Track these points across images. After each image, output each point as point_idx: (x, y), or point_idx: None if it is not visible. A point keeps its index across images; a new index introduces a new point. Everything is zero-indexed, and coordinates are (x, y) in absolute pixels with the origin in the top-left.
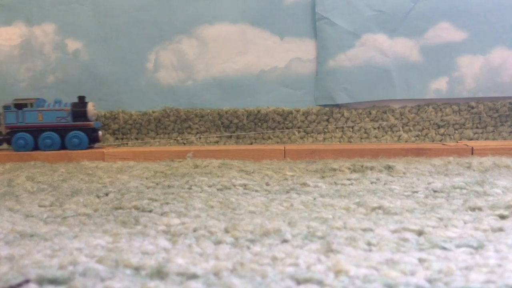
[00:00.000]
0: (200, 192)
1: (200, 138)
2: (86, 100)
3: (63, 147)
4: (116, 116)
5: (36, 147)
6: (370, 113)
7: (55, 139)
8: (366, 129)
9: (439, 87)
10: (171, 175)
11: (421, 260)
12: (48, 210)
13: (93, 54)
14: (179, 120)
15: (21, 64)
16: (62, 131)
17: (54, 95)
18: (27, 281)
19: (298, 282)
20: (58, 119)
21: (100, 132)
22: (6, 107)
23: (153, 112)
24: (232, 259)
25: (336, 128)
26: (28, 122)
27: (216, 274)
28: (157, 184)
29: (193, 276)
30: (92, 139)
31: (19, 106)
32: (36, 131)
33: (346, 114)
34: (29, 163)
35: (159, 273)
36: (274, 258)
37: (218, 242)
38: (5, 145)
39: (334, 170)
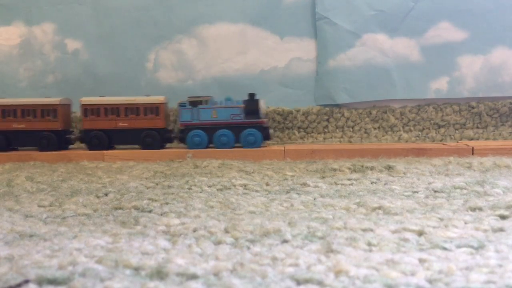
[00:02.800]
0: (200, 192)
1: None
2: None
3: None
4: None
5: (209, 145)
6: (370, 113)
7: (230, 136)
8: (366, 129)
9: (439, 87)
10: (171, 175)
11: (421, 260)
12: (47, 210)
13: (93, 54)
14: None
15: (20, 64)
16: (236, 128)
17: (54, 95)
18: (26, 281)
19: (298, 282)
20: (232, 116)
21: (271, 130)
22: (181, 104)
23: None
24: (232, 259)
25: (336, 128)
26: (203, 119)
27: (216, 274)
28: (156, 184)
29: (193, 276)
30: (265, 136)
31: (194, 103)
32: (210, 128)
33: (346, 114)
34: (28, 163)
35: (159, 273)
36: (274, 258)
37: (218, 242)
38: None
39: (334, 170)
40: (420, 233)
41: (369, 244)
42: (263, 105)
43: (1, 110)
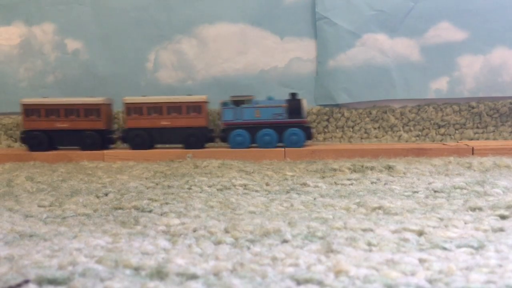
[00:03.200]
0: (200, 192)
1: None
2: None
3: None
4: (116, 116)
5: (251, 144)
6: (370, 113)
7: (273, 136)
8: (366, 129)
9: (439, 87)
10: (171, 175)
11: (421, 261)
12: (47, 210)
13: (93, 54)
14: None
15: (20, 64)
16: (278, 128)
17: (54, 95)
18: (26, 282)
19: (298, 282)
20: (275, 115)
21: (313, 130)
22: (224, 104)
23: None
24: (232, 259)
25: (336, 128)
26: (246, 118)
27: (216, 274)
28: (156, 184)
29: (193, 277)
30: (307, 136)
31: (237, 102)
32: (252, 128)
33: (346, 114)
34: (28, 163)
35: (159, 273)
36: (274, 258)
37: (218, 242)
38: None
39: (334, 170)
40: (420, 233)
41: (369, 244)
42: (305, 105)
43: (44, 109)
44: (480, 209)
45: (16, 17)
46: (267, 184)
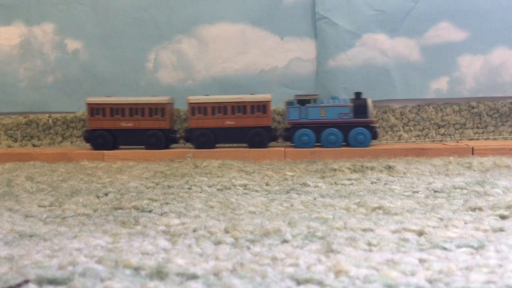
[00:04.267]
0: (200, 192)
1: None
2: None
3: (346, 144)
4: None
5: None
6: None
7: (338, 135)
8: None
9: (439, 87)
10: (171, 175)
11: (421, 261)
12: (47, 210)
13: (93, 54)
14: (179, 120)
15: (20, 64)
16: (344, 127)
17: (54, 95)
18: (26, 282)
19: (298, 282)
20: (340, 115)
21: (378, 129)
22: (289, 103)
23: None
24: (232, 259)
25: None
26: (311, 118)
27: (216, 274)
28: (156, 184)
29: (193, 277)
30: (373, 136)
31: (302, 102)
32: (317, 127)
33: None
34: (28, 163)
35: (159, 274)
36: (274, 258)
37: (218, 242)
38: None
39: (334, 170)
40: (420, 233)
41: (369, 244)
42: (370, 104)
43: (109, 109)
44: (480, 209)
45: (16, 17)
46: (267, 184)
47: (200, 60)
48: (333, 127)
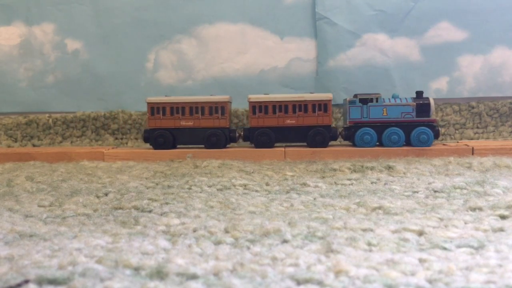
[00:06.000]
0: (200, 192)
1: None
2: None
3: (407, 143)
4: (115, 116)
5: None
6: None
7: (401, 135)
8: None
9: (439, 87)
10: (171, 175)
11: (421, 260)
12: (47, 210)
13: (93, 54)
14: None
15: (20, 64)
16: (405, 127)
17: (54, 95)
18: (26, 281)
19: (298, 282)
20: (403, 114)
21: (440, 129)
22: (351, 102)
23: None
24: (232, 259)
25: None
26: (373, 117)
27: (216, 274)
28: (157, 184)
29: (193, 276)
30: (435, 135)
31: (364, 101)
32: (379, 126)
33: None
34: (28, 163)
35: (159, 273)
36: (274, 258)
37: (218, 242)
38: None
39: (334, 170)
40: (420, 233)
41: (369, 244)
42: (433, 103)
43: (169, 108)
44: (480, 209)
45: (16, 17)
46: (267, 184)
47: (200, 60)
48: (395, 126)
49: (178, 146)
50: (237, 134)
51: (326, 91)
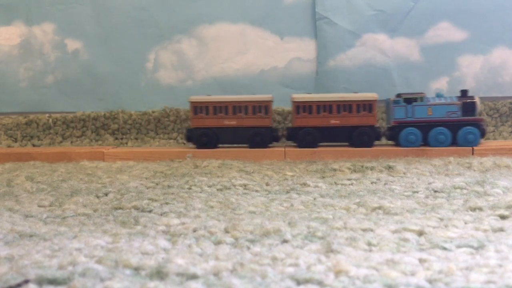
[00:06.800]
0: (200, 192)
1: None
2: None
3: (453, 143)
4: (115, 116)
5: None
6: None
7: (447, 135)
8: None
9: (439, 86)
10: (171, 175)
11: (421, 260)
12: (47, 210)
13: (93, 54)
14: (179, 120)
15: (20, 64)
16: (451, 126)
17: (54, 95)
18: (26, 281)
19: (298, 282)
20: (449, 113)
21: (486, 128)
22: (395, 102)
23: (153, 112)
24: (232, 259)
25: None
26: (418, 117)
27: (216, 274)
28: (156, 184)
29: (193, 276)
30: (482, 134)
31: (409, 100)
32: (424, 126)
33: None
34: (28, 163)
35: (159, 273)
36: (274, 258)
37: (218, 242)
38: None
39: (334, 170)
40: (420, 233)
41: (369, 244)
42: (478, 102)
43: (212, 107)
44: (480, 209)
45: (16, 17)
46: (267, 184)
47: (200, 60)
48: (440, 126)
49: (220, 145)
50: (280, 134)
51: (326, 91)
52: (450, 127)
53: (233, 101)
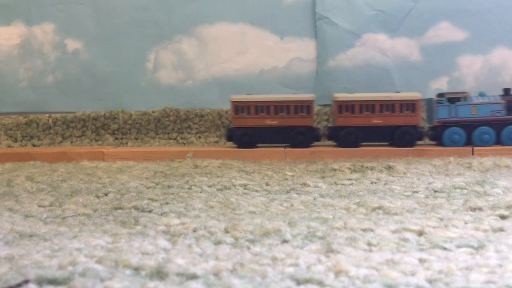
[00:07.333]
0: (200, 192)
1: (200, 138)
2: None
3: (497, 142)
4: (115, 116)
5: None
6: None
7: (492, 134)
8: None
9: (439, 86)
10: (171, 175)
11: (421, 260)
12: (47, 210)
13: (93, 54)
14: (179, 120)
15: (20, 64)
16: (495, 125)
17: (54, 95)
18: (26, 282)
19: (298, 282)
20: (493, 113)
21: None
22: (439, 102)
23: (153, 112)
24: (232, 259)
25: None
26: (461, 116)
27: (216, 274)
28: (156, 184)
29: (193, 276)
30: None
31: (452, 100)
32: (468, 126)
33: None
34: (28, 163)
35: (159, 274)
36: (274, 258)
37: (218, 242)
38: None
39: (334, 170)
40: (420, 233)
41: (369, 244)
42: None
43: (254, 106)
44: (480, 209)
45: (16, 16)
46: (267, 184)
47: (200, 60)
48: (484, 125)
49: (259, 145)
50: (321, 133)
51: (326, 91)
52: (494, 126)
53: (275, 100)
